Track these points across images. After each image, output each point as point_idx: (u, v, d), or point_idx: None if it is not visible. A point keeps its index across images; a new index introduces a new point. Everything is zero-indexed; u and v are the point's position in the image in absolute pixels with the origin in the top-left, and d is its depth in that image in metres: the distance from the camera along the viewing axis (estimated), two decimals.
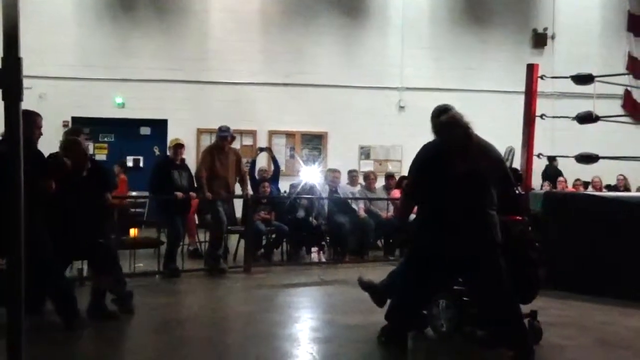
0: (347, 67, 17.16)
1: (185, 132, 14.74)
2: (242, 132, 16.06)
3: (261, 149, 12.84)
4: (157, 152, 16.38)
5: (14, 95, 2.16)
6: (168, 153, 10.17)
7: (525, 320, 5.42)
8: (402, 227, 6.65)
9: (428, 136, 5.90)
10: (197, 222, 11.35)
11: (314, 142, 17.21)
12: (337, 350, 5.53)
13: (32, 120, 5.96)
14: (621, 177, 15.81)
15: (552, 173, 15.49)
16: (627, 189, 15.18)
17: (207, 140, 14.09)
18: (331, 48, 17.26)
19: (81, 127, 9.97)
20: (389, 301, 5.87)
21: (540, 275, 5.57)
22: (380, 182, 12.86)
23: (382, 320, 5.56)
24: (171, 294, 8.25)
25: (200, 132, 16.31)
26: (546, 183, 15.10)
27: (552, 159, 14.58)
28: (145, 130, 16.93)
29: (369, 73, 17.14)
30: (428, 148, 5.52)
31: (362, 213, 11.58)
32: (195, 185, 9.81)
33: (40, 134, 6.19)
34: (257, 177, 11.99)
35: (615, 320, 6.68)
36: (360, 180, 12.96)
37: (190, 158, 12.63)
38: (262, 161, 14.13)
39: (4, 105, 2.20)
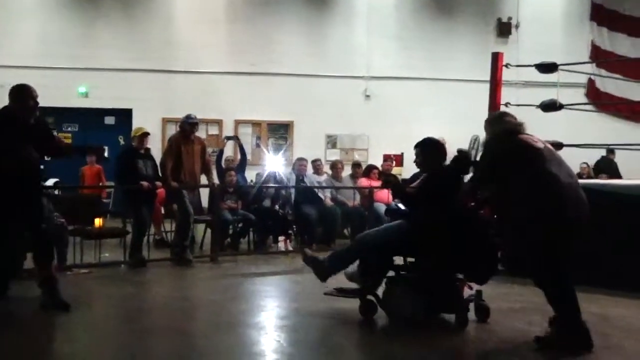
0: (313, 56, 17.13)
1: (151, 122, 14.62)
2: (208, 122, 15.99)
3: (228, 138, 12.77)
4: (122, 141, 16.23)
5: None
6: (133, 142, 10.07)
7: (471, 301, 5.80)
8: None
9: (394, 125, 5.91)
10: (163, 211, 11.27)
11: (281, 131, 17.18)
12: (304, 337, 5.55)
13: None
14: (584, 166, 16.00)
15: None
16: (590, 177, 15.36)
17: (173, 130, 13.97)
18: (297, 37, 17.21)
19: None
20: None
21: (498, 259, 5.80)
22: (346, 171, 12.89)
23: (347, 307, 5.60)
24: (137, 284, 8.18)
25: (165, 121, 16.20)
26: None
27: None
28: (109, 120, 16.78)
29: (335, 62, 17.14)
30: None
31: (328, 202, 11.60)
32: (161, 174, 9.74)
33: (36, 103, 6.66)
34: (223, 166, 11.94)
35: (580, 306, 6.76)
36: (327, 169, 12.96)
37: (155, 147, 12.54)
38: (229, 150, 14.07)
39: None
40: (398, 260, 6.08)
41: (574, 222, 5.29)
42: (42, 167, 7.12)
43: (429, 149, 6.31)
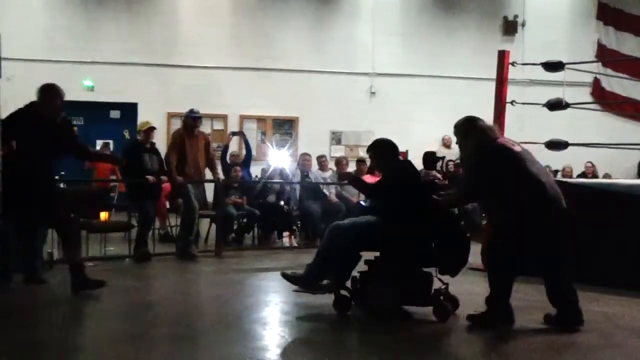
0: (318, 52, 17.16)
1: (155, 116, 14.59)
2: (212, 117, 16.03)
3: (234, 133, 12.78)
4: (127, 135, 16.28)
5: None
6: (138, 136, 10.10)
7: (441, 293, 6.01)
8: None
9: (399, 122, 5.99)
10: (168, 206, 11.30)
11: (285, 127, 17.21)
12: (307, 332, 5.58)
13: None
14: (589, 165, 16.00)
15: None
16: (595, 176, 15.37)
17: (177, 124, 14.00)
18: (302, 33, 17.24)
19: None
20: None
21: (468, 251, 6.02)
22: (351, 168, 12.90)
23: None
24: (142, 277, 8.22)
25: (170, 115, 16.23)
26: None
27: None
28: (115, 114, 16.82)
29: (340, 58, 17.17)
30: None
31: (333, 198, 11.61)
32: (166, 169, 9.75)
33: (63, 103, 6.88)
34: (228, 161, 11.95)
35: (582, 304, 6.77)
36: (332, 165, 12.97)
37: (160, 142, 12.54)
38: (234, 146, 14.08)
39: None
40: (369, 255, 6.18)
41: (559, 218, 5.65)
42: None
43: (379, 150, 6.43)
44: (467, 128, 5.91)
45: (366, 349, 5.26)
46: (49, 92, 6.81)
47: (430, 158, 6.56)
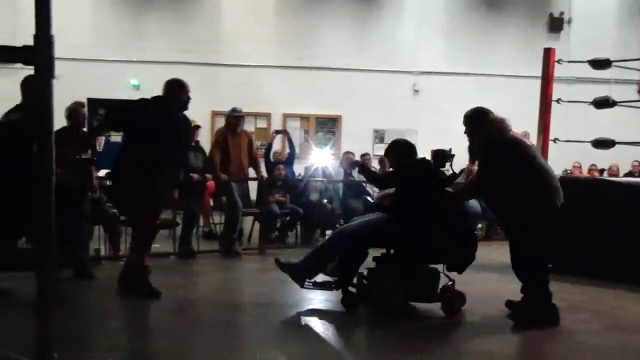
0: (361, 51, 17.15)
1: (199, 114, 14.71)
2: (256, 115, 16.12)
3: (277, 132, 12.84)
4: None
5: (46, 71, 2.20)
6: None
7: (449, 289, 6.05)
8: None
9: (442, 120, 6.03)
10: (212, 203, 11.39)
11: (328, 125, 17.24)
12: (351, 332, 5.62)
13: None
14: (636, 163, 15.74)
15: None
16: None
17: (221, 123, 14.10)
18: (346, 31, 17.24)
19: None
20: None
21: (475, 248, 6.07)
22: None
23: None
24: (186, 274, 8.31)
25: (214, 114, 16.35)
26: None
27: None
28: None
29: (383, 56, 17.14)
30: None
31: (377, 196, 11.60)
32: (210, 167, 9.83)
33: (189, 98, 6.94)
34: (272, 159, 12.01)
35: (626, 305, 6.71)
36: (375, 163, 12.96)
37: (205, 140, 12.66)
38: (277, 144, 14.15)
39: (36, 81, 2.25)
40: (377, 252, 6.24)
41: (559, 210, 5.80)
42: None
43: (395, 149, 6.61)
44: (478, 119, 5.95)
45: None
46: (177, 86, 6.85)
47: (440, 156, 6.57)
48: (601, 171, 15.54)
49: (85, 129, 7.95)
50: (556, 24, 17.70)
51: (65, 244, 7.10)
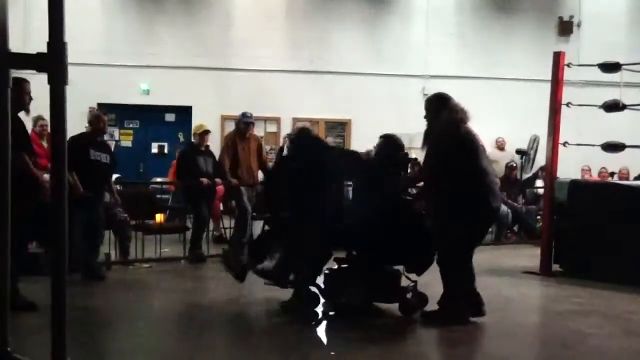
0: (371, 54, 17.14)
1: (210, 119, 14.76)
2: (266, 119, 16.13)
3: (289, 136, 12.85)
4: (181, 138, 16.48)
5: (59, 78, 2.21)
6: (193, 139, 10.24)
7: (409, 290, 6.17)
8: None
9: None
10: (222, 208, 11.41)
11: (338, 130, 17.23)
12: (366, 331, 5.61)
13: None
14: None
15: None
16: None
17: (231, 127, 14.13)
18: (355, 35, 17.23)
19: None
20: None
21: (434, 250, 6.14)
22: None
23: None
24: (197, 279, 8.34)
25: (224, 118, 16.36)
26: None
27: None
28: (169, 117, 17.01)
29: (393, 60, 17.11)
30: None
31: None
32: (219, 171, 9.86)
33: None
34: None
35: (638, 310, 6.68)
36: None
37: (215, 145, 12.67)
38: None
39: (49, 88, 2.26)
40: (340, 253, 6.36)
41: (495, 212, 5.97)
42: None
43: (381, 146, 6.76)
44: (439, 104, 6.01)
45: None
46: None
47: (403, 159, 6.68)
48: (611, 174, 15.47)
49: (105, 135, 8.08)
50: (566, 28, 17.64)
51: (76, 248, 7.15)
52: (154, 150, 16.66)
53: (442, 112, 5.90)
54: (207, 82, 16.57)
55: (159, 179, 13.09)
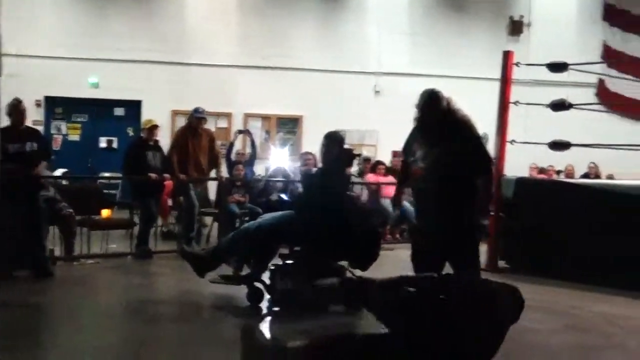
0: (324, 51, 17.12)
1: (160, 114, 14.59)
2: (218, 115, 16.00)
3: (240, 132, 12.80)
4: (130, 133, 16.29)
5: None
6: (142, 134, 10.13)
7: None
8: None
9: (404, 121, 5.95)
10: (170, 203, 11.32)
11: (290, 126, 17.19)
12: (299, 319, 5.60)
13: None
14: (592, 165, 15.93)
15: None
16: (598, 177, 15.31)
17: (182, 122, 14.00)
18: (309, 31, 17.22)
19: None
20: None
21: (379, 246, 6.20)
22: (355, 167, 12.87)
23: None
24: (144, 275, 8.25)
25: (175, 113, 16.20)
26: None
27: None
28: (119, 111, 16.81)
29: (346, 57, 17.12)
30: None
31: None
32: (168, 167, 9.77)
33: None
34: (233, 159, 11.96)
35: (583, 305, 6.78)
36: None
37: (165, 140, 12.54)
38: (239, 144, 14.07)
39: None
40: (284, 248, 6.38)
41: None
42: None
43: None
44: (442, 103, 5.58)
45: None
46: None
47: (347, 156, 6.65)
48: (558, 172, 15.73)
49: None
50: (516, 28, 17.82)
51: (23, 243, 7.02)
52: (103, 144, 16.46)
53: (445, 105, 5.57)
54: (158, 77, 16.38)
55: (107, 174, 12.91)
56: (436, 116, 5.44)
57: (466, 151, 5.33)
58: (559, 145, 9.28)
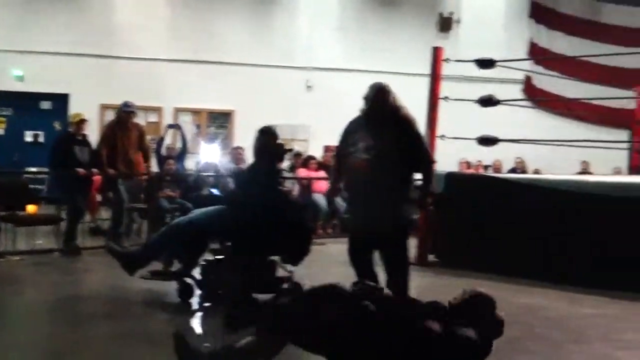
0: (255, 45, 17.06)
1: (88, 107, 14.26)
2: (147, 109, 15.78)
3: (171, 126, 12.68)
4: (57, 127, 15.95)
5: None
6: (70, 128, 9.93)
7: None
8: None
9: (336, 116, 5.99)
10: (99, 199, 11.14)
11: (221, 120, 17.09)
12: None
13: None
14: (519, 160, 16.31)
15: None
16: (525, 172, 15.67)
17: (111, 116, 13.78)
18: (240, 26, 17.13)
19: None
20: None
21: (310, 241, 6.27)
22: (287, 162, 12.87)
23: None
24: (72, 271, 8.11)
25: (104, 107, 15.92)
26: None
27: None
28: (45, 105, 16.45)
29: (277, 52, 17.10)
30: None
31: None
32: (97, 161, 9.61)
33: None
34: (164, 154, 11.83)
35: (506, 297, 6.89)
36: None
37: (93, 134, 12.32)
38: (169, 138, 13.91)
39: None
40: (216, 244, 6.45)
41: None
42: None
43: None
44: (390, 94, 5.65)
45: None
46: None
47: (278, 151, 6.69)
48: (486, 167, 16.03)
49: None
50: (446, 24, 18.06)
51: None
52: (29, 138, 16.07)
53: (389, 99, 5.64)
54: (87, 70, 16.08)
55: (33, 169, 12.63)
56: (383, 109, 5.49)
57: (409, 147, 5.40)
58: (487, 141, 9.46)
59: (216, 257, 6.33)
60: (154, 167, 10.66)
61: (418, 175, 5.58)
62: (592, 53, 15.37)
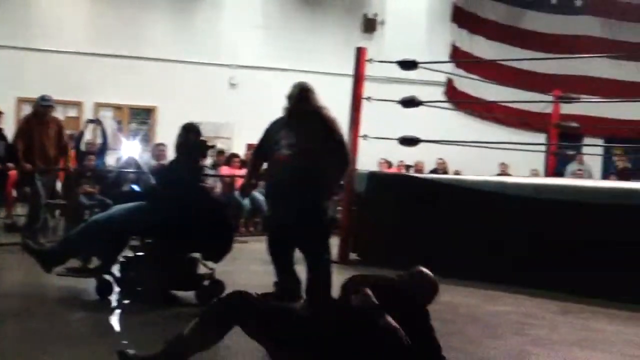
0: (179, 42, 16.89)
1: (3, 101, 13.91)
2: (67, 103, 15.45)
3: (91, 121, 12.44)
4: None
5: None
6: None
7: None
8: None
9: (259, 115, 6.04)
10: (15, 194, 10.86)
11: (143, 116, 16.86)
12: (164, 319, 5.56)
13: None
14: (440, 161, 16.58)
15: None
16: (446, 172, 15.93)
17: (29, 110, 13.43)
18: (163, 21, 16.94)
19: None
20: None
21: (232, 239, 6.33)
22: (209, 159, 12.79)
23: None
24: None
25: (20, 101, 15.50)
26: None
27: None
28: None
29: (201, 48, 16.95)
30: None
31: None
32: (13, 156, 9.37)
33: None
34: (83, 149, 11.61)
35: (453, 299, 7.05)
36: None
37: (9, 128, 11.99)
38: (89, 134, 13.65)
39: None
40: (135, 240, 6.41)
41: None
42: None
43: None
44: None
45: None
46: None
47: (201, 147, 6.74)
48: (407, 167, 16.24)
49: None
50: (370, 25, 18.21)
51: None
52: None
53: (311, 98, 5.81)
54: (2, 61, 15.62)
55: None
56: (305, 108, 5.60)
57: (330, 146, 5.50)
58: (408, 141, 9.60)
59: (136, 253, 6.25)
60: (71, 162, 10.43)
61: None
62: (512, 58, 15.75)
